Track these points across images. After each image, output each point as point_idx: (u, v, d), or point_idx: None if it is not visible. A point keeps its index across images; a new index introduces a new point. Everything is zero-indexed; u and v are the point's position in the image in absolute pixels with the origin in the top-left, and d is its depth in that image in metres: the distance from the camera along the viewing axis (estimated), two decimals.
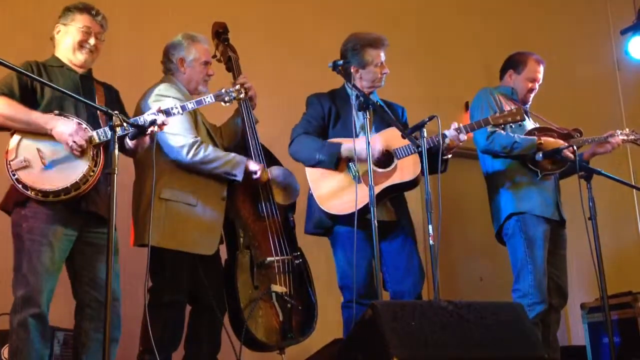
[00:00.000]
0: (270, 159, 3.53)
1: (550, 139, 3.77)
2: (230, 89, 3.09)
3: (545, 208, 3.75)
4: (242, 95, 3.12)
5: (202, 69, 3.43)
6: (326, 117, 3.54)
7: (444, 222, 3.24)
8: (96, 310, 2.87)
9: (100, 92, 3.08)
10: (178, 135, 3.19)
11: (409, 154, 3.38)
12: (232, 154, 3.32)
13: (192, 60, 3.41)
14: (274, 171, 3.47)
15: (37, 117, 2.79)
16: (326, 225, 3.46)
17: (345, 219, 3.31)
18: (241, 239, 3.34)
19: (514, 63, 4.06)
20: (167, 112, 2.88)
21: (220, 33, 3.75)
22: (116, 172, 2.46)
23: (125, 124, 2.61)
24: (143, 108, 3.22)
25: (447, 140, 3.35)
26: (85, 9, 3.07)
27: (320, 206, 3.40)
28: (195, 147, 3.19)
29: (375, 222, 2.97)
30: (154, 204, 3.06)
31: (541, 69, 4.01)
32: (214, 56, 3.68)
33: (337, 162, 3.40)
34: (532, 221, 3.72)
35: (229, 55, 3.67)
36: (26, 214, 2.79)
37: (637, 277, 5.02)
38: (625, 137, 3.94)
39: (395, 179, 3.41)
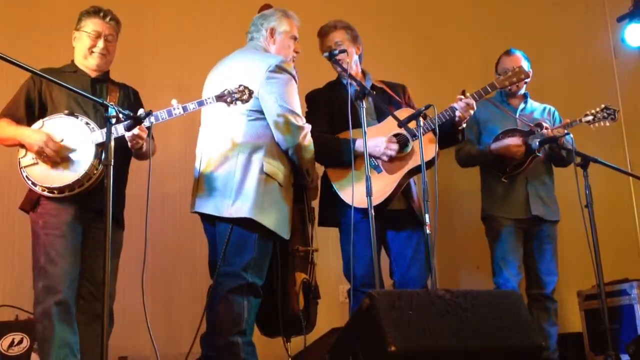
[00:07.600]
0: None
1: (500, 144, 3.90)
2: (233, 90, 2.93)
3: (511, 208, 3.95)
4: (245, 97, 2.94)
5: (291, 43, 3.35)
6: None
7: (440, 211, 3.23)
8: (89, 303, 2.95)
9: (115, 92, 3.12)
10: (300, 117, 3.16)
11: (425, 132, 3.30)
12: None
13: (282, 32, 3.32)
14: None
15: (9, 130, 2.92)
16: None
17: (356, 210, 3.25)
18: None
19: (495, 69, 4.19)
20: (168, 113, 2.85)
21: None
22: (112, 164, 2.42)
23: (120, 115, 2.58)
24: (252, 70, 3.10)
25: (457, 113, 3.38)
26: (95, 12, 3.09)
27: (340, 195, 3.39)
28: (309, 133, 3.20)
29: (372, 212, 2.96)
30: (257, 177, 3.02)
31: (514, 58, 4.05)
32: None
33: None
34: (496, 221, 3.97)
35: None
36: (40, 212, 2.90)
37: (633, 264, 5.03)
38: (591, 118, 3.92)
39: (413, 162, 3.37)
